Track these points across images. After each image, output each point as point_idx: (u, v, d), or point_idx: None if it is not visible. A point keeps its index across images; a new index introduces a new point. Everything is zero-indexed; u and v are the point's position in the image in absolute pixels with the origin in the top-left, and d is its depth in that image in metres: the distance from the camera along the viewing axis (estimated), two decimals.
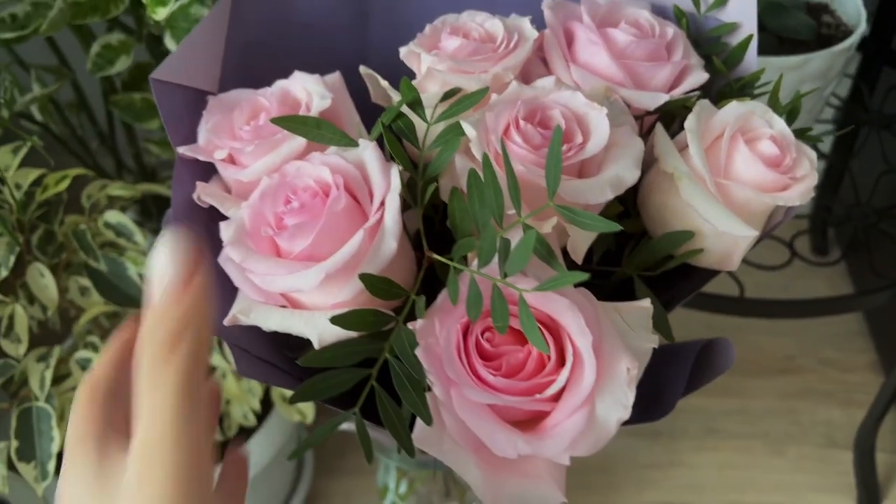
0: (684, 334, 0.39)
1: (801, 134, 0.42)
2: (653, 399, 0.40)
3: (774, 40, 0.67)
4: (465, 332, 0.31)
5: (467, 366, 0.30)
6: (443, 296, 0.32)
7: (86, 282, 0.62)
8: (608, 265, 0.42)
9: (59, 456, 0.59)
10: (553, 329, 0.32)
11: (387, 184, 0.33)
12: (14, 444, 0.57)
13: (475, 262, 0.31)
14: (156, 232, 0.91)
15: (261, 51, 0.42)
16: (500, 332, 0.29)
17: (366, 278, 0.31)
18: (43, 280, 0.59)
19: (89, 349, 0.62)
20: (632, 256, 0.39)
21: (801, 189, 0.36)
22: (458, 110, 0.35)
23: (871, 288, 0.68)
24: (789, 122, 0.43)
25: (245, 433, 0.72)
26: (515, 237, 0.32)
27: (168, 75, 0.38)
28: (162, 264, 0.24)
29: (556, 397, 0.31)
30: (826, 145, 0.96)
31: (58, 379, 0.62)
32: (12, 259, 0.57)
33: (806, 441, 0.94)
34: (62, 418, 0.61)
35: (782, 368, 1.02)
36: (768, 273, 0.72)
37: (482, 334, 0.31)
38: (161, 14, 0.53)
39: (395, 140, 0.35)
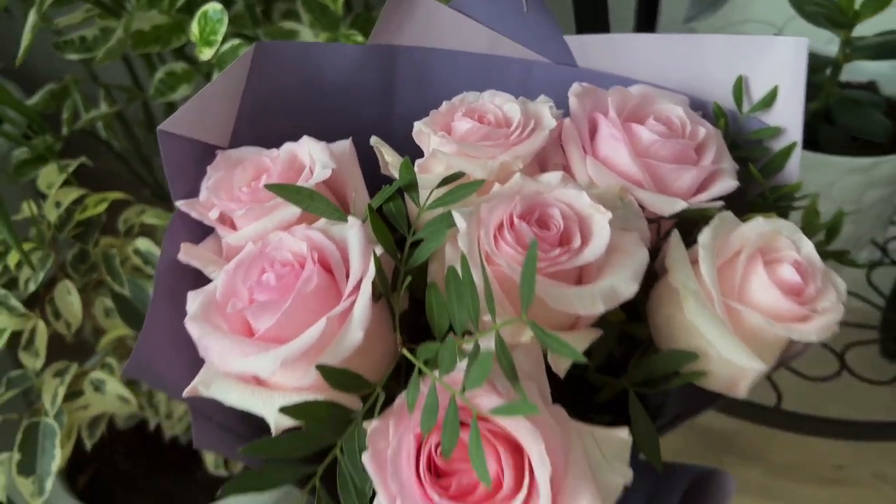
0: (727, 427, 0.36)
1: (838, 256, 0.39)
2: None
3: (847, 138, 0.62)
4: (420, 442, 0.29)
5: (415, 481, 0.28)
6: (401, 398, 0.30)
7: (111, 303, 0.62)
8: (613, 369, 0.39)
9: (78, 462, 0.60)
10: (516, 450, 0.29)
11: (364, 267, 0.32)
12: (16, 456, 0.58)
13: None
14: None
15: (279, 109, 0.42)
16: (444, 456, 0.26)
17: (323, 369, 0.30)
18: (69, 297, 0.60)
19: (105, 371, 0.63)
20: (631, 370, 0.36)
21: (821, 323, 0.33)
22: (451, 199, 0.33)
23: None
24: (827, 241, 0.39)
25: None
26: (490, 344, 0.30)
27: (176, 127, 0.38)
28: None
29: None
30: None
31: (72, 395, 0.63)
32: (42, 275, 0.58)
33: None
34: (68, 436, 0.62)
35: (832, 478, 0.94)
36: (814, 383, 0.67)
37: (436, 448, 0.29)
38: (207, 54, 0.54)
39: (382, 224, 0.33)
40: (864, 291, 0.72)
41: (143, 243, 0.61)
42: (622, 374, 0.37)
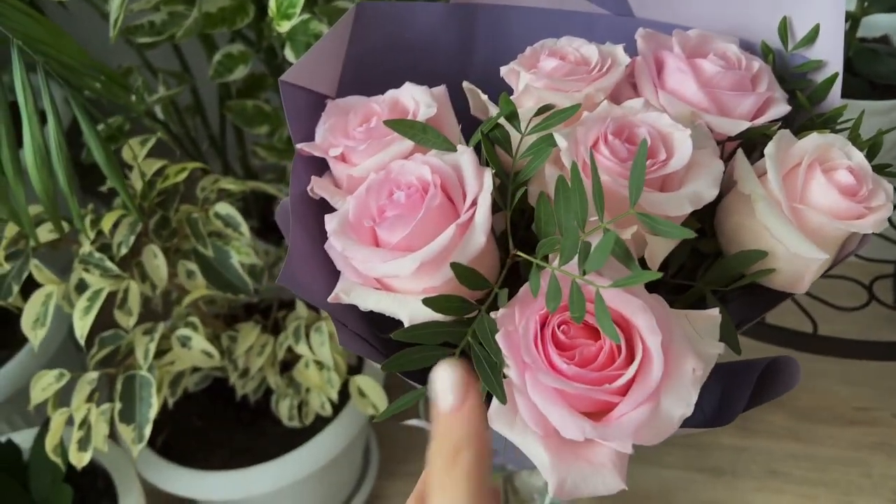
0: None
1: (880, 169, 0.44)
2: (718, 409, 0.42)
3: (867, 85, 0.68)
4: (543, 324, 0.34)
5: (542, 353, 0.33)
6: (524, 289, 0.35)
7: (192, 266, 0.67)
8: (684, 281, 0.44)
9: (156, 423, 0.64)
10: (625, 329, 0.34)
11: (479, 185, 0.37)
12: (118, 406, 0.63)
13: (556, 262, 0.34)
14: (253, 229, 0.97)
15: (376, 62, 0.47)
16: (576, 322, 0.32)
17: (456, 267, 0.35)
18: (156, 261, 0.65)
19: (189, 328, 0.68)
20: (706, 273, 0.41)
21: (875, 218, 0.38)
22: (551, 123, 0.38)
23: None
24: (870, 157, 0.44)
25: (321, 422, 0.76)
26: (596, 242, 0.35)
27: (295, 78, 0.43)
28: (442, 388, 0.29)
29: (624, 391, 0.33)
30: None
31: (159, 353, 0.68)
32: (132, 239, 0.63)
33: (875, 494, 0.92)
34: (160, 389, 0.67)
35: (855, 419, 1.00)
36: (846, 317, 0.72)
37: (559, 326, 0.34)
38: (285, 27, 0.58)
39: (491, 147, 0.38)
40: (888, 231, 0.77)
41: (222, 207, 0.66)
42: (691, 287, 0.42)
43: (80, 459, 0.61)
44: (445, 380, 0.28)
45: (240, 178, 0.97)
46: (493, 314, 0.35)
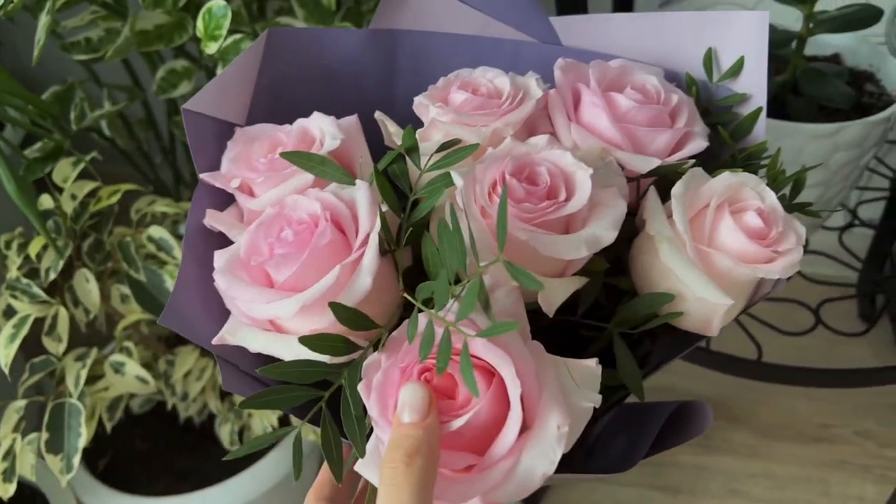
0: (714, 392, 0.39)
1: (801, 207, 0.43)
2: (623, 452, 0.40)
3: (814, 107, 0.67)
4: (404, 373, 0.33)
5: (395, 406, 0.32)
6: (395, 333, 0.34)
7: (127, 290, 0.66)
8: (603, 320, 0.43)
9: (85, 452, 0.63)
10: (491, 377, 0.32)
11: (371, 223, 0.35)
12: (44, 436, 0.61)
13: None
14: None
15: (291, 90, 0.45)
16: (438, 373, 0.30)
17: (336, 308, 0.33)
18: (87, 285, 0.64)
19: (124, 353, 0.66)
20: (616, 315, 0.40)
21: (784, 263, 0.37)
22: (449, 162, 0.37)
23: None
24: (794, 194, 0.43)
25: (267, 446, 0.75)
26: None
27: (199, 107, 0.41)
28: (407, 403, 0.31)
29: (483, 447, 0.32)
30: (875, 214, 0.94)
31: (92, 379, 0.66)
32: (61, 264, 0.61)
33: None
34: (92, 416, 0.66)
35: (816, 436, 0.99)
36: (798, 340, 0.71)
37: (419, 376, 0.32)
38: (212, 48, 0.57)
39: (387, 183, 0.37)
40: (837, 253, 0.76)
41: (156, 231, 0.64)
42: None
43: (5, 490, 0.60)
44: (411, 396, 0.31)
45: (191, 191, 0.96)
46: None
